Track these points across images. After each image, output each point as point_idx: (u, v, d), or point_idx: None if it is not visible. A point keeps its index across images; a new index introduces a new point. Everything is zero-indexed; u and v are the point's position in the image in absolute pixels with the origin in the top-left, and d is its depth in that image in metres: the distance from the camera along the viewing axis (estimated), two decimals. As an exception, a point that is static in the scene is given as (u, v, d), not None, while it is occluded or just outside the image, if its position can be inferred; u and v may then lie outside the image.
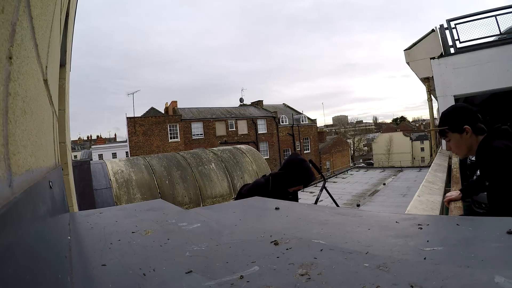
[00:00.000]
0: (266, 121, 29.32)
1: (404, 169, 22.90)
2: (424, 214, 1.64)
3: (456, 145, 1.55)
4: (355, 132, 74.57)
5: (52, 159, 0.92)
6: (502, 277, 0.40)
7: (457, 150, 1.56)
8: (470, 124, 1.49)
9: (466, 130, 1.49)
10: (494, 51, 5.60)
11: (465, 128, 1.49)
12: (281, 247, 0.63)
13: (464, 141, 1.50)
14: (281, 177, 2.23)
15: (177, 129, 24.74)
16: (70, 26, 2.17)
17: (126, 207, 1.31)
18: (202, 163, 5.90)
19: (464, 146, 1.52)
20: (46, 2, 0.72)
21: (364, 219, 0.83)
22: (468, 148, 1.51)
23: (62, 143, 1.92)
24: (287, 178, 2.21)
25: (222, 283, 0.48)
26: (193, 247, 0.66)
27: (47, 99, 0.86)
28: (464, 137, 1.50)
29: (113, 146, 37.04)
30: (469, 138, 1.49)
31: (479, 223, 0.70)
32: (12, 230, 0.30)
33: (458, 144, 1.53)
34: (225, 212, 1.10)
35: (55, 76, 1.37)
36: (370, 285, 0.43)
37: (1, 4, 0.33)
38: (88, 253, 0.68)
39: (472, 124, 1.49)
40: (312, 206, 1.37)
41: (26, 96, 0.47)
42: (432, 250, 0.54)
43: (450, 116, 1.56)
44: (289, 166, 2.24)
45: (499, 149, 1.30)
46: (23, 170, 0.41)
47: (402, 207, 9.87)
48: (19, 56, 0.41)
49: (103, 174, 4.98)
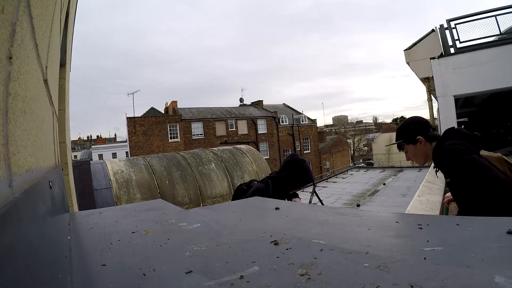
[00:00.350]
0: (266, 121, 29.32)
1: (404, 169, 22.82)
2: (424, 214, 1.64)
3: (413, 155, 1.67)
4: (355, 132, 74.55)
5: (52, 159, 0.92)
6: (502, 277, 0.40)
7: (415, 159, 1.67)
8: (422, 134, 1.61)
9: (419, 140, 1.61)
10: (494, 51, 5.60)
11: (418, 138, 1.61)
12: (281, 247, 0.63)
13: (420, 151, 1.62)
14: (281, 180, 2.17)
15: (177, 129, 24.75)
16: (70, 26, 2.17)
17: (126, 207, 1.31)
18: (202, 163, 5.90)
19: (421, 155, 1.63)
20: (46, 2, 0.72)
21: (364, 219, 0.83)
22: (424, 156, 1.62)
23: (62, 143, 1.92)
24: (288, 181, 2.16)
25: (222, 283, 0.48)
26: (193, 247, 0.66)
27: (47, 99, 0.86)
28: (418, 147, 1.62)
29: (113, 146, 37.05)
30: (423, 147, 1.61)
31: (479, 223, 0.70)
32: (12, 230, 0.30)
33: (415, 154, 1.65)
34: (225, 212, 1.10)
35: (55, 76, 1.37)
36: (370, 285, 0.43)
37: (1, 4, 0.33)
38: (88, 253, 0.68)
39: (424, 134, 1.61)
40: (312, 206, 1.37)
41: (26, 96, 0.47)
42: (432, 250, 0.54)
43: (403, 130, 1.70)
44: (290, 168, 2.18)
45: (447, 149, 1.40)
46: (23, 170, 0.41)
47: (402, 207, 9.90)
48: (19, 56, 0.41)
49: (103, 174, 4.98)
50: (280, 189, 2.15)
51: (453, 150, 1.37)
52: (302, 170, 2.18)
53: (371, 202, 13.76)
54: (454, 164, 1.35)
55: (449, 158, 1.38)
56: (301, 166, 2.19)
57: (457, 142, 1.40)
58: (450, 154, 1.38)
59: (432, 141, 1.57)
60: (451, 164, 1.37)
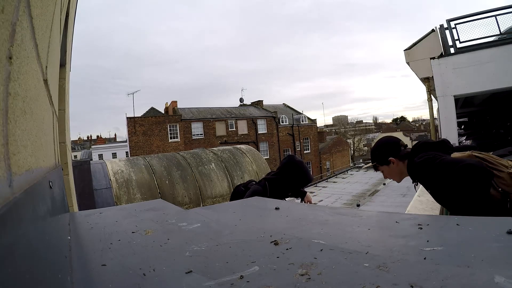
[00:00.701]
0: (266, 121, 29.32)
1: (404, 169, 22.52)
2: (424, 214, 1.64)
3: (388, 175, 1.72)
4: (355, 132, 74.54)
5: (52, 159, 0.92)
6: (502, 277, 0.40)
7: (392, 178, 1.72)
8: (393, 155, 1.66)
9: (391, 161, 1.66)
10: (494, 51, 5.60)
11: (390, 160, 1.66)
12: (281, 247, 0.63)
13: (393, 170, 1.67)
14: (278, 182, 2.13)
15: (177, 129, 24.74)
16: (70, 26, 2.17)
17: (126, 207, 1.31)
18: (202, 163, 5.90)
19: (396, 174, 1.68)
20: (46, 2, 0.72)
21: (364, 219, 0.83)
22: (399, 174, 1.67)
23: (62, 143, 1.92)
24: (286, 183, 2.11)
25: (222, 283, 0.48)
26: (193, 247, 0.66)
27: (47, 99, 0.86)
28: (392, 167, 1.67)
29: (113, 146, 37.04)
30: (396, 167, 1.66)
31: (479, 223, 0.70)
32: (12, 230, 0.30)
33: (390, 173, 1.70)
34: (225, 212, 1.10)
35: (55, 76, 1.37)
36: (370, 285, 0.43)
37: (1, 4, 0.33)
38: (88, 253, 0.68)
39: (394, 154, 1.66)
40: (312, 206, 1.37)
41: (26, 96, 0.47)
42: (432, 250, 0.54)
43: (375, 152, 1.75)
44: (287, 170, 2.14)
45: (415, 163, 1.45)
46: (23, 170, 0.41)
47: (402, 207, 9.89)
48: (19, 56, 0.41)
49: (103, 174, 4.98)
50: (278, 191, 2.10)
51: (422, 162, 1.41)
52: (300, 172, 2.14)
53: (371, 202, 13.76)
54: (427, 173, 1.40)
55: (422, 170, 1.42)
56: (298, 167, 2.15)
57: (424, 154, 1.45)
58: (421, 166, 1.42)
59: (405, 159, 1.61)
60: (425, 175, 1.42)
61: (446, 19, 6.28)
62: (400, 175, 1.67)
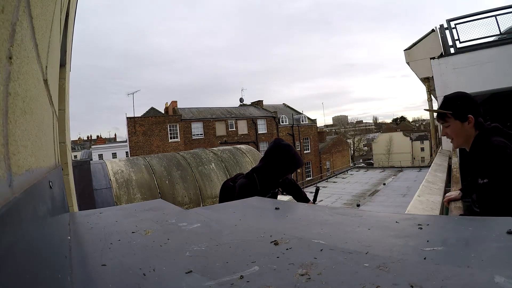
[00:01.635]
0: (266, 121, 29.32)
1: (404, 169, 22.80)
2: (424, 214, 1.64)
3: (455, 133, 1.51)
4: (355, 132, 74.57)
5: (52, 159, 0.92)
6: (502, 277, 0.40)
7: (455, 137, 1.51)
8: (474, 114, 1.46)
9: (469, 120, 1.45)
10: (494, 51, 5.60)
11: (469, 117, 1.45)
12: (281, 247, 0.63)
13: (464, 131, 1.47)
14: (267, 169, 1.99)
15: (177, 129, 24.74)
16: (70, 26, 2.17)
17: (126, 207, 1.31)
18: (202, 163, 5.90)
19: (463, 136, 1.48)
20: (46, 2, 0.72)
21: (364, 219, 0.83)
22: (465, 138, 1.48)
23: (62, 143, 1.92)
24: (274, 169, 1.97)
25: (222, 283, 0.48)
26: (193, 247, 0.66)
27: (47, 99, 0.86)
28: (465, 127, 1.47)
29: (113, 146, 37.04)
30: (469, 129, 1.46)
31: (479, 223, 0.70)
32: (12, 230, 0.30)
33: (457, 132, 1.49)
34: (225, 212, 1.10)
35: (55, 76, 1.37)
36: (370, 285, 0.43)
37: (1, 4, 0.33)
38: (88, 253, 0.68)
39: (475, 115, 1.46)
40: (312, 206, 1.37)
41: (26, 96, 0.47)
42: (432, 250, 0.54)
43: (455, 101, 1.51)
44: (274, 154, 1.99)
45: (500, 146, 1.28)
46: (23, 170, 0.41)
47: (402, 207, 9.87)
48: (19, 56, 0.41)
49: (103, 174, 4.98)
50: (268, 179, 1.99)
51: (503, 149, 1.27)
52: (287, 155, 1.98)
53: (371, 202, 13.73)
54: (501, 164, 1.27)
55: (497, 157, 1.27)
56: (285, 151, 1.99)
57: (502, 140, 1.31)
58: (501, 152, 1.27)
59: (477, 128, 1.45)
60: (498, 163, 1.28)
61: (446, 19, 6.28)
62: (465, 140, 1.47)
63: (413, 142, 51.89)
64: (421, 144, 50.56)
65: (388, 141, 51.65)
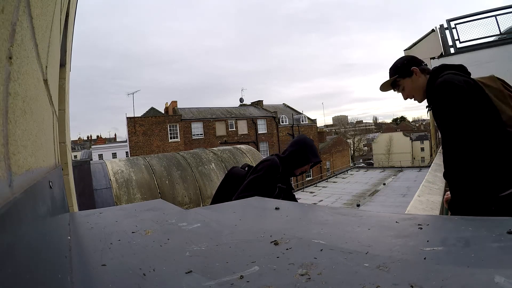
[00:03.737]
0: (266, 121, 29.32)
1: (404, 169, 22.81)
2: (424, 214, 1.63)
3: (411, 90, 1.55)
4: (355, 132, 74.57)
5: (52, 159, 0.92)
6: (502, 277, 0.40)
7: (415, 93, 1.55)
8: (416, 65, 1.53)
9: (414, 72, 1.52)
10: (494, 51, 5.60)
11: (413, 69, 1.52)
12: (281, 247, 0.63)
13: (417, 83, 1.52)
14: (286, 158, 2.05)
15: (177, 129, 24.74)
16: (70, 26, 2.17)
17: (126, 207, 1.31)
18: (202, 163, 5.90)
19: (419, 88, 1.52)
20: (46, 2, 0.72)
21: (364, 219, 0.83)
22: (423, 89, 1.51)
23: (62, 143, 1.92)
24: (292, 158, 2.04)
25: (222, 283, 0.48)
26: (193, 247, 0.66)
27: (47, 99, 0.86)
28: (414, 79, 1.52)
29: (113, 146, 37.04)
30: (419, 79, 1.51)
31: (479, 223, 0.70)
32: (12, 230, 0.30)
33: (412, 88, 1.54)
34: (225, 212, 1.10)
35: (55, 76, 1.37)
36: (370, 285, 0.43)
37: (1, 4, 0.33)
38: (88, 253, 0.68)
39: (417, 65, 1.53)
40: (312, 206, 1.37)
41: (26, 96, 0.47)
42: (432, 250, 0.54)
43: (396, 65, 1.60)
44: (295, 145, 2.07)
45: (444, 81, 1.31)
46: (23, 170, 0.41)
47: (402, 207, 9.89)
48: (19, 56, 0.41)
49: (103, 174, 4.98)
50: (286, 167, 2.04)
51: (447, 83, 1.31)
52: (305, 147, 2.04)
53: (371, 202, 13.75)
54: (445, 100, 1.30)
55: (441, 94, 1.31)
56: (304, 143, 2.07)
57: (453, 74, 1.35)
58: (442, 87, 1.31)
59: (427, 74, 1.51)
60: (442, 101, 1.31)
61: (446, 19, 6.28)
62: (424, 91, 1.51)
63: (413, 142, 51.89)
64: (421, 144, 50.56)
65: (388, 141, 51.66)
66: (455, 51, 6.10)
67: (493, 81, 1.35)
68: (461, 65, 1.47)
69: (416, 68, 1.52)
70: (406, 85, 1.56)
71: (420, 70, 1.52)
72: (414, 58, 1.59)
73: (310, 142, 2.12)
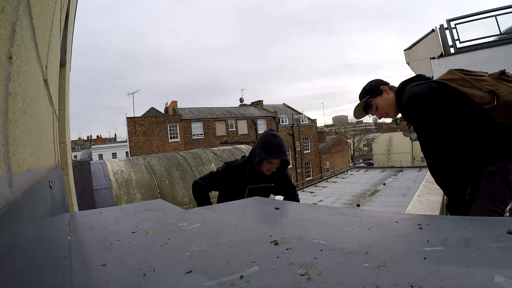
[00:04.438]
0: (266, 121, 29.31)
1: (404, 169, 22.82)
2: (424, 214, 1.64)
3: (384, 107, 1.61)
4: (355, 132, 74.55)
5: (52, 159, 0.92)
6: (502, 277, 0.40)
7: (387, 110, 1.61)
8: (384, 84, 1.61)
9: (383, 90, 1.59)
10: (494, 51, 5.60)
11: (382, 88, 1.59)
12: (281, 247, 0.63)
13: (388, 100, 1.59)
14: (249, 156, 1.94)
15: (177, 129, 24.74)
16: (70, 26, 2.17)
17: (126, 207, 1.31)
18: (202, 163, 5.90)
19: (390, 105, 1.59)
20: (46, 2, 0.72)
21: (364, 219, 0.83)
22: (394, 105, 1.58)
23: (62, 143, 1.92)
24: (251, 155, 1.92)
25: (222, 283, 0.48)
26: (193, 247, 0.66)
27: (47, 99, 0.86)
28: (385, 97, 1.59)
29: (113, 146, 37.05)
30: (389, 96, 1.58)
31: (479, 223, 0.70)
32: (12, 230, 0.30)
33: (386, 105, 1.60)
34: (225, 212, 1.10)
35: (55, 76, 1.37)
36: (370, 285, 0.43)
37: (1, 4, 0.33)
38: (88, 253, 0.68)
39: (385, 84, 1.62)
40: (312, 206, 1.37)
41: (26, 96, 0.47)
42: (432, 250, 0.54)
43: (365, 88, 1.67)
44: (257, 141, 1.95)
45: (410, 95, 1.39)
46: (23, 170, 0.41)
47: (402, 207, 9.89)
48: (19, 56, 0.41)
49: (103, 174, 4.98)
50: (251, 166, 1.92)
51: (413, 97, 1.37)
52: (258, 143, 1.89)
53: (371, 202, 13.75)
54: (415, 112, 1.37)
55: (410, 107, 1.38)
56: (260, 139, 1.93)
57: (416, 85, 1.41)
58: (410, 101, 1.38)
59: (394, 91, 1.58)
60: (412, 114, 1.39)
61: (446, 19, 6.28)
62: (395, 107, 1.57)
63: (413, 142, 51.83)
64: (421, 144, 50.27)
65: (388, 141, 51.61)
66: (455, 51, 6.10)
67: (453, 74, 1.43)
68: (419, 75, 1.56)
69: (385, 87, 1.60)
70: (378, 104, 1.62)
71: (389, 88, 1.60)
72: (380, 80, 1.67)
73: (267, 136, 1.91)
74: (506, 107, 1.27)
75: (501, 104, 1.27)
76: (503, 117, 1.28)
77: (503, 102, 1.27)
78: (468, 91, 1.33)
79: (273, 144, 1.87)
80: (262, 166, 1.91)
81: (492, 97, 1.28)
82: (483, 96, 1.30)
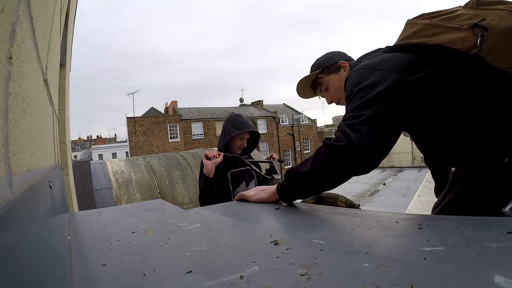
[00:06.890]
0: (266, 121, 29.33)
1: (404, 169, 22.84)
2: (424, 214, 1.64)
3: (336, 89, 1.21)
4: (355, 132, 74.32)
5: (52, 159, 0.92)
6: (502, 277, 0.40)
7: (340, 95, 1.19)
8: (345, 59, 1.21)
9: (342, 66, 1.18)
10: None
11: (340, 63, 1.19)
12: (281, 247, 0.63)
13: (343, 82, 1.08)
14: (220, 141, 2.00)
15: (177, 129, 24.75)
16: (70, 26, 2.17)
17: (126, 207, 1.31)
18: (202, 163, 5.91)
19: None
20: (46, 2, 0.72)
21: (364, 219, 0.83)
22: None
23: (62, 143, 1.92)
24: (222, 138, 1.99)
25: (222, 283, 0.48)
26: (193, 247, 0.66)
27: (47, 99, 0.87)
28: (342, 76, 1.16)
29: (113, 146, 37.07)
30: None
31: (479, 223, 0.70)
32: (12, 230, 0.30)
33: (338, 87, 1.18)
34: (225, 212, 1.10)
35: (55, 76, 1.37)
36: (370, 285, 0.43)
37: (1, 4, 0.33)
38: (88, 253, 0.68)
39: (346, 59, 1.21)
40: (312, 206, 1.37)
41: (26, 96, 0.47)
42: (432, 250, 0.54)
43: (320, 59, 1.26)
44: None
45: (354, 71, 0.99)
46: (23, 170, 0.41)
47: (402, 207, 9.89)
48: (19, 56, 0.41)
49: (103, 174, 4.98)
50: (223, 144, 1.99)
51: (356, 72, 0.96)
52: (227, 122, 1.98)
53: (371, 202, 13.75)
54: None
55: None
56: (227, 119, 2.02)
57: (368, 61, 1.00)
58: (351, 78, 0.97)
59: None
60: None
61: (446, 19, 6.27)
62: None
63: (413, 142, 51.72)
64: (421, 144, 50.34)
65: (388, 141, 51.42)
66: (455, 51, 6.10)
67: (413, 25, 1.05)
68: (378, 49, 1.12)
69: (345, 62, 1.19)
70: (331, 83, 1.21)
71: (350, 66, 1.17)
72: (342, 53, 1.27)
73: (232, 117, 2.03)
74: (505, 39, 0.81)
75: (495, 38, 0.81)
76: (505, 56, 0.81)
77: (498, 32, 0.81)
78: (441, 39, 0.89)
79: (239, 121, 2.00)
80: (235, 144, 2.00)
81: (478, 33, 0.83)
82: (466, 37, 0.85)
